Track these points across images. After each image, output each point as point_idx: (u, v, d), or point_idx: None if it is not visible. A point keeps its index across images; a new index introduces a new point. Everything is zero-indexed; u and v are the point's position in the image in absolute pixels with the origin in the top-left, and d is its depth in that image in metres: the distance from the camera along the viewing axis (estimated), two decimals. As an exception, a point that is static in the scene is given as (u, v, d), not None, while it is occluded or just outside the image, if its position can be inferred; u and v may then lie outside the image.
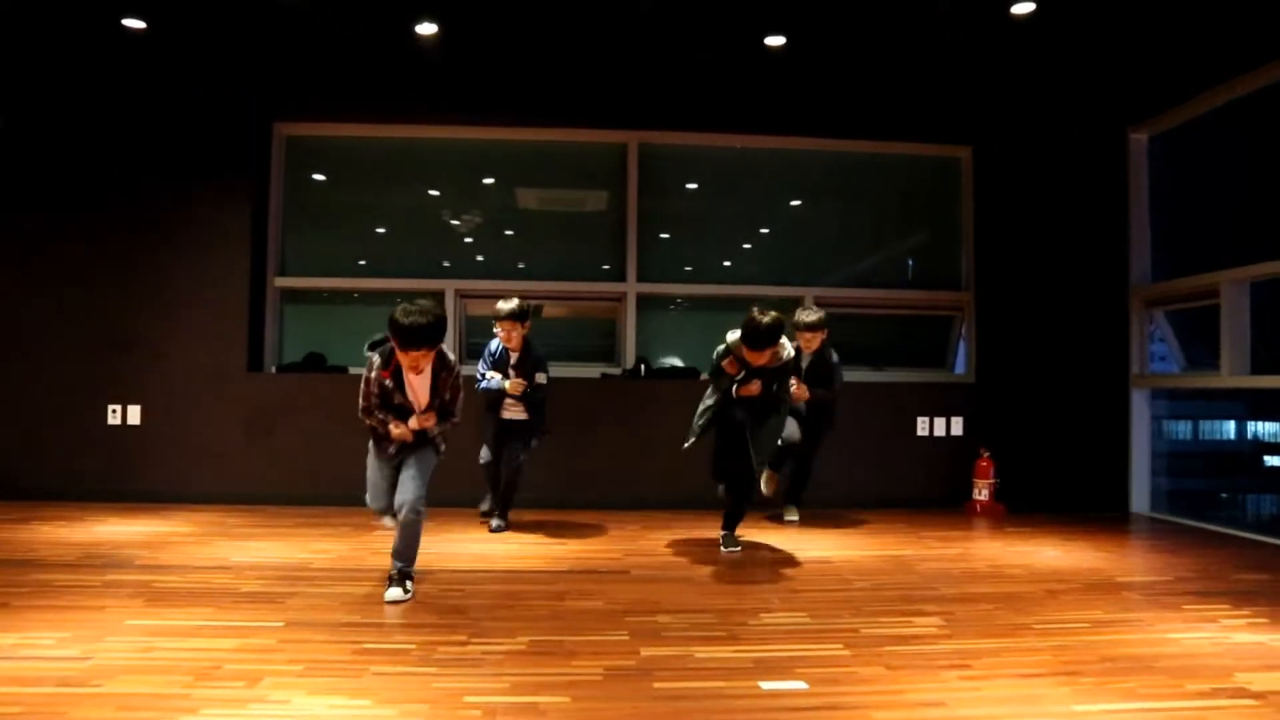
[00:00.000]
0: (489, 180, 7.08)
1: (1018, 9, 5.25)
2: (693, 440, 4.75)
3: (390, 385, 3.69)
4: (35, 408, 6.20)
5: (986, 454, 6.32)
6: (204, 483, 6.19)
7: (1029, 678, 2.71)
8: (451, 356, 3.79)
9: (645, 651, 2.93)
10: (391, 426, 3.72)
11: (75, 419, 6.22)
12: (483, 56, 6.30)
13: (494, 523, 5.26)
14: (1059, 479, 6.45)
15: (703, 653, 2.92)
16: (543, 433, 5.35)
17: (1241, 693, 2.60)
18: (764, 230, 7.32)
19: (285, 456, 6.24)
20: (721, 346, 4.57)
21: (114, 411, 6.25)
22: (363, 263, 6.94)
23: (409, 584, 3.62)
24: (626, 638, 3.08)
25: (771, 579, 4.14)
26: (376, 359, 3.72)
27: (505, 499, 5.32)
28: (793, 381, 4.97)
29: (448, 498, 5.15)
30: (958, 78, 6.51)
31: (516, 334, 5.17)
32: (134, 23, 5.57)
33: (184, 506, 5.93)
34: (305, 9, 5.43)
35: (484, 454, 5.37)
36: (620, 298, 6.90)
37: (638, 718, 2.39)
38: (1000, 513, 6.19)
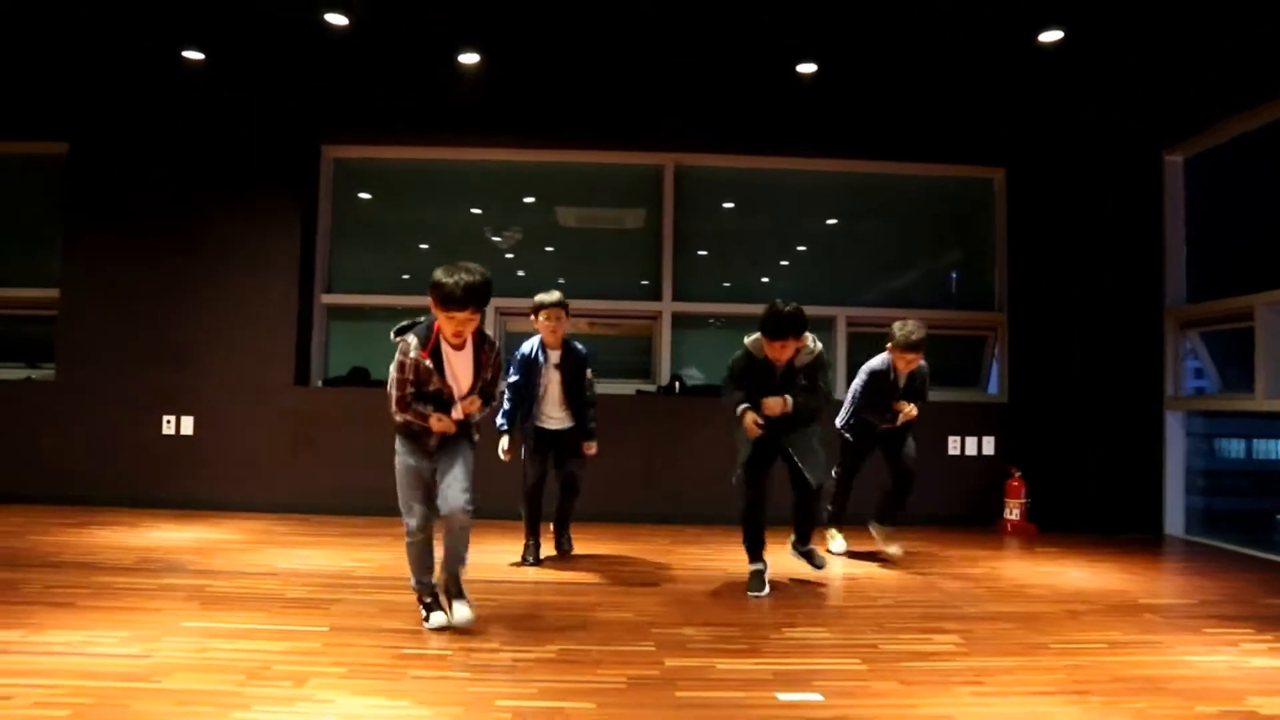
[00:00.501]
0: (530, 199, 7.30)
1: (1045, 37, 5.32)
2: (739, 473, 4.29)
3: (429, 366, 3.29)
4: (96, 418, 6.51)
5: (1018, 473, 6.35)
6: (252, 492, 6.45)
7: (1039, 695, 2.79)
8: (489, 333, 3.49)
9: (669, 662, 3.05)
10: (433, 420, 3.34)
11: (132, 429, 6.52)
12: (523, 84, 6.55)
13: (564, 547, 4.97)
14: (1091, 500, 6.45)
15: (724, 664, 3.04)
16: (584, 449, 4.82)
17: (1252, 716, 2.66)
18: (801, 248, 7.43)
19: (329, 468, 6.47)
20: (738, 352, 4.28)
21: (169, 422, 6.55)
22: (406, 277, 7.19)
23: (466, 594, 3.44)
24: (652, 649, 3.21)
25: (797, 595, 4.24)
26: (412, 339, 3.31)
27: (563, 520, 5.02)
28: (903, 405, 4.91)
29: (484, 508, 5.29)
30: (990, 101, 6.58)
31: (563, 326, 4.65)
32: (193, 54, 5.87)
33: (233, 515, 6.19)
34: (352, 39, 5.68)
35: (527, 477, 4.76)
36: (656, 316, 7.05)
37: (659, 724, 2.52)
38: (1031, 533, 6.21)
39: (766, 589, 4.18)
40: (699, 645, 3.27)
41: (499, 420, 4.70)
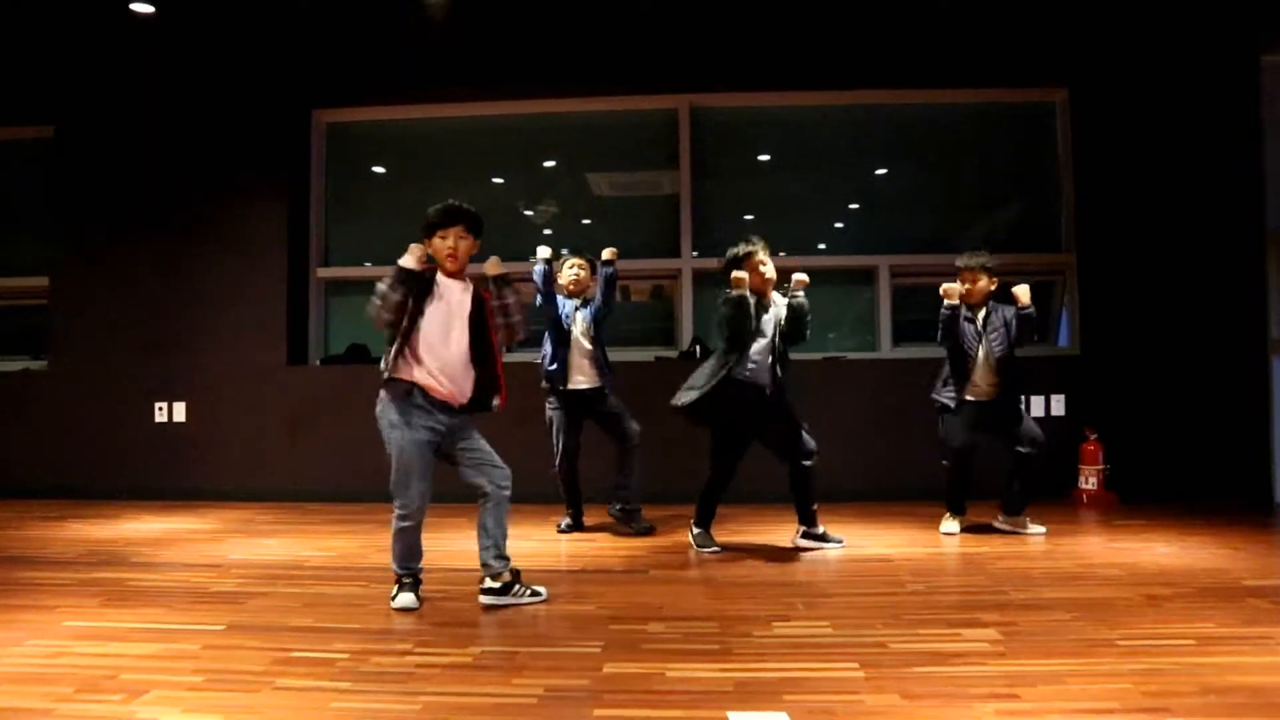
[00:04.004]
0: (550, 163, 6.68)
1: None
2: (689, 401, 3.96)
3: (425, 279, 3.09)
4: (87, 407, 6.21)
5: (1094, 436, 5.47)
6: (246, 479, 6.05)
7: (1095, 714, 2.04)
8: None
9: (608, 668, 2.41)
10: (410, 252, 3.09)
11: (124, 418, 6.19)
12: (517, 24, 5.92)
13: (641, 525, 4.57)
14: (1182, 464, 5.52)
15: (676, 671, 2.37)
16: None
17: (1405, 742, 1.87)
18: (853, 206, 6.60)
19: (325, 451, 6.02)
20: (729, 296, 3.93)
21: (160, 409, 6.19)
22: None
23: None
24: (597, 650, 2.57)
25: (807, 580, 3.54)
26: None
27: (625, 486, 4.60)
28: (1016, 289, 4.43)
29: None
30: (1046, 5, 5.64)
31: (586, 274, 4.64)
32: (142, 7, 5.43)
33: (223, 503, 5.81)
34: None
35: (560, 449, 4.60)
36: (675, 274, 6.38)
37: (559, 755, 1.89)
38: (1111, 503, 5.33)
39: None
40: (657, 646, 2.61)
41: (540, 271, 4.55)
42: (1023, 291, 4.42)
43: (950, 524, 4.49)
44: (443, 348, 3.10)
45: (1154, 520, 4.73)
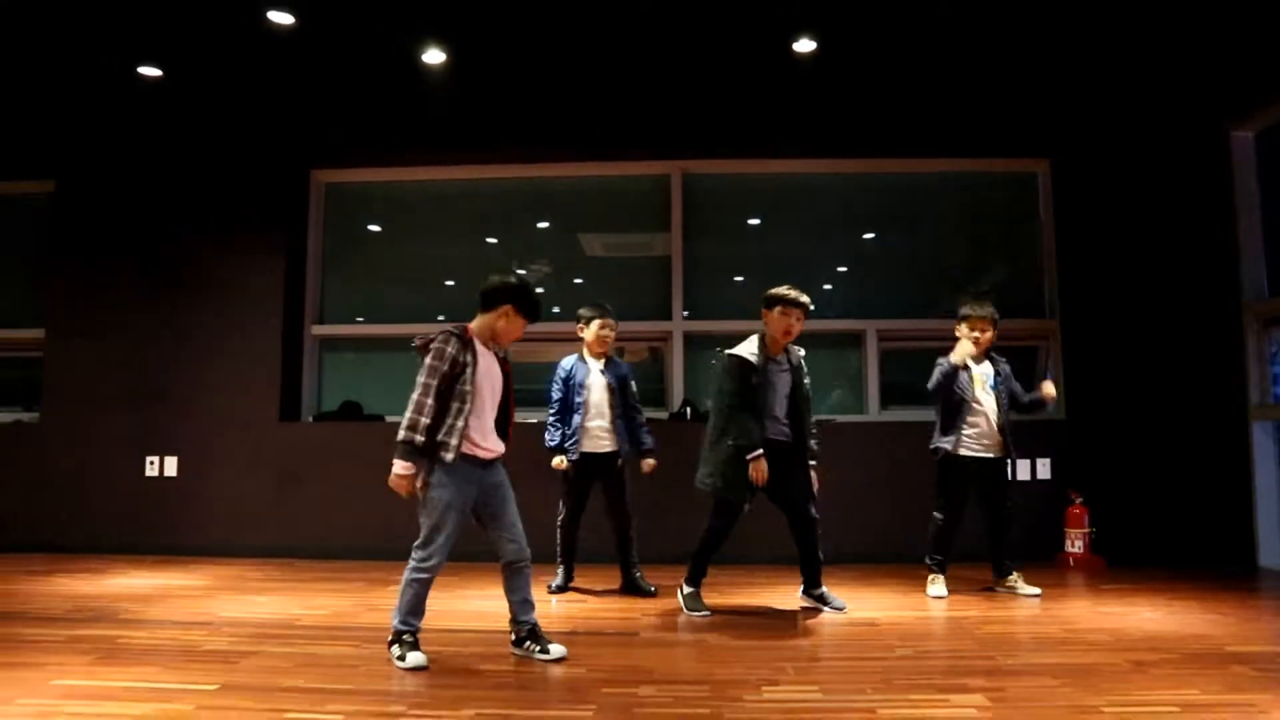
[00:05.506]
0: (543, 225, 6.83)
1: None
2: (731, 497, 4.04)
3: (466, 360, 3.15)
4: (78, 460, 6.21)
5: (1079, 499, 5.54)
6: (236, 536, 6.03)
7: (1080, 780, 2.08)
8: None
9: (601, 732, 2.43)
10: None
11: (115, 471, 6.19)
12: (515, 90, 6.08)
13: (649, 587, 4.58)
14: (1168, 528, 5.59)
15: (669, 735, 2.40)
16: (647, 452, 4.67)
17: (1383, 811, 1.91)
18: (842, 269, 6.75)
19: (316, 508, 6.02)
20: (725, 360, 4.08)
21: (152, 463, 6.20)
22: (442, 317, 6.69)
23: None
24: (589, 714, 2.59)
25: (797, 644, 3.56)
26: (452, 332, 3.20)
27: (626, 549, 4.64)
28: (1046, 384, 4.64)
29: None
30: (1029, 81, 5.85)
31: (613, 334, 4.70)
32: (150, 70, 5.59)
33: (213, 560, 5.79)
34: (335, 60, 5.34)
35: (560, 510, 4.67)
36: (666, 337, 6.48)
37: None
38: (1098, 566, 5.38)
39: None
40: (648, 710, 2.63)
41: (547, 439, 4.61)
42: (1049, 389, 4.66)
43: (937, 587, 4.53)
44: (488, 414, 3.26)
45: (1140, 584, 4.77)
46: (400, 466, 3.09)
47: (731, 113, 6.23)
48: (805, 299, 4.10)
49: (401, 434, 3.09)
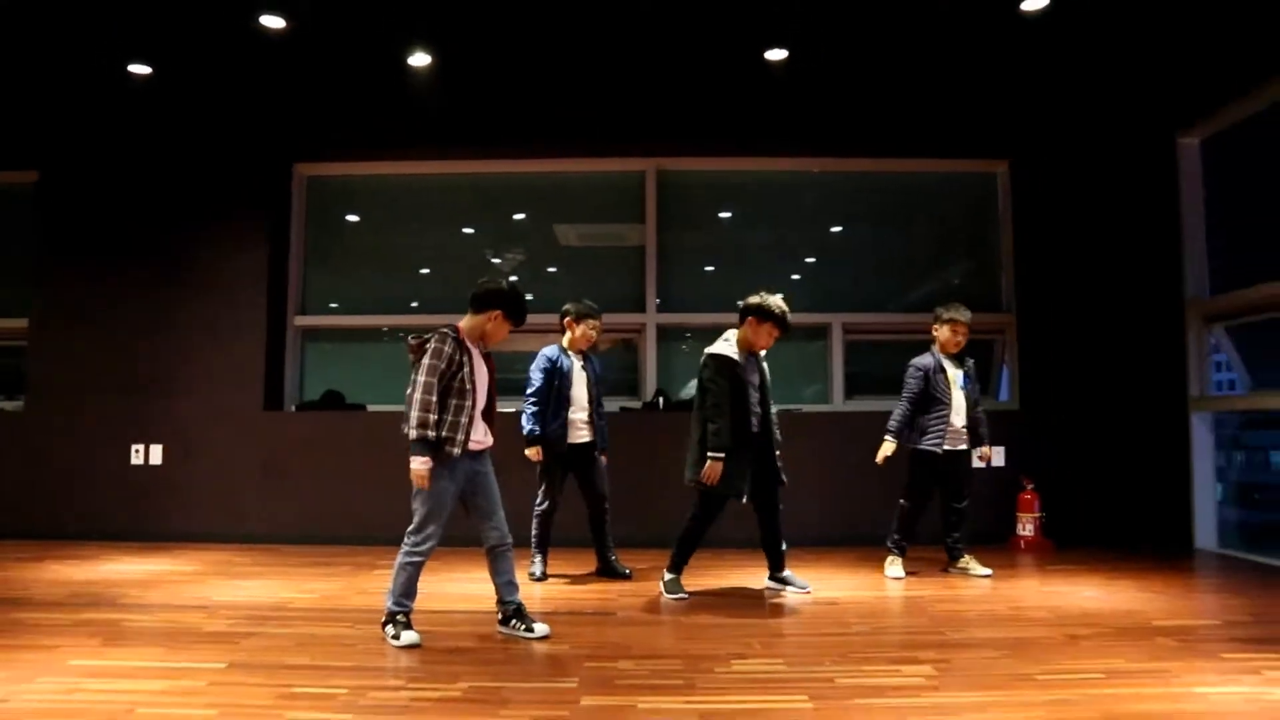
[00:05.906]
0: (520, 216, 7.02)
1: (1027, 5, 4.84)
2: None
3: (462, 360, 3.37)
4: (64, 449, 6.32)
5: (1031, 486, 5.87)
6: (222, 523, 6.19)
7: (1010, 737, 2.36)
8: None
9: (585, 701, 2.67)
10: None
11: (101, 460, 6.31)
12: (493, 92, 6.23)
13: (624, 570, 4.82)
14: (1113, 512, 5.95)
15: (647, 703, 2.65)
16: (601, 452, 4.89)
17: (1266, 760, 2.21)
18: (810, 260, 7.02)
19: (300, 495, 6.20)
20: (711, 359, 4.26)
21: (137, 451, 6.33)
22: (414, 304, 6.88)
23: None
24: (573, 685, 2.84)
25: (763, 621, 3.83)
26: (447, 333, 3.39)
27: (602, 533, 4.85)
28: (987, 450, 5.05)
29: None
30: (989, 87, 6.12)
31: (598, 333, 4.90)
32: (140, 68, 5.69)
33: (200, 546, 5.95)
34: (311, 49, 5.46)
35: (541, 500, 4.78)
36: (640, 329, 6.71)
37: (545, 777, 2.14)
38: (1047, 549, 5.71)
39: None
40: (628, 681, 2.88)
41: (527, 426, 4.68)
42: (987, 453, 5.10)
43: (895, 568, 4.83)
44: (480, 408, 3.47)
45: (1084, 565, 5.11)
46: (418, 462, 3.30)
47: (706, 112, 6.44)
48: (790, 320, 4.31)
49: (414, 432, 3.29)
